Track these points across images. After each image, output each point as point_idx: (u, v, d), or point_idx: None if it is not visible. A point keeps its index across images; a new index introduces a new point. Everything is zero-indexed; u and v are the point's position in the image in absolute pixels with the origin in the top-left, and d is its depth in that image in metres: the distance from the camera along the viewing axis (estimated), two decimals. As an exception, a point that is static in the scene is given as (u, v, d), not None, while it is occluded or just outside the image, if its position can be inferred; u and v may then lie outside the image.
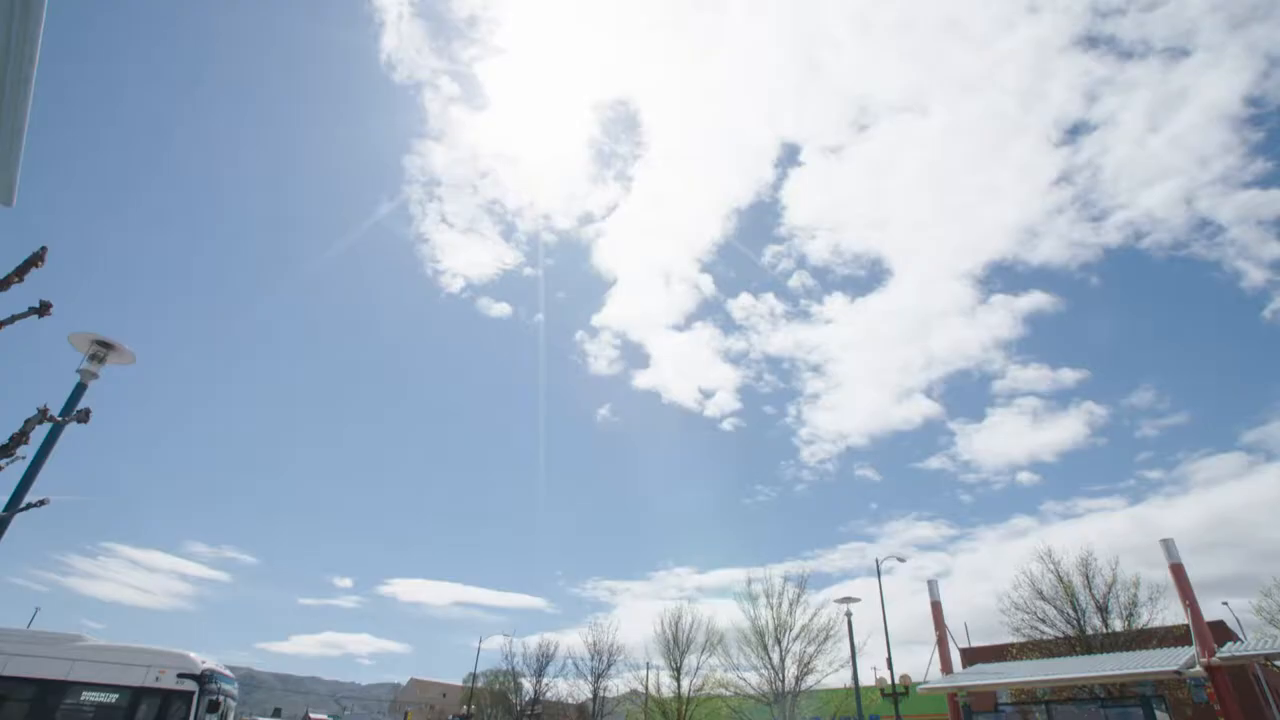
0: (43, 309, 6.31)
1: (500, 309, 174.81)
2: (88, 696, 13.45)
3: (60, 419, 8.39)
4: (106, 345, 9.23)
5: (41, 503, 8.07)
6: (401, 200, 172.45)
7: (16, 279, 5.73)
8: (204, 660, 14.11)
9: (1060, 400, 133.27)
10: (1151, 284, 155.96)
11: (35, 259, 6.00)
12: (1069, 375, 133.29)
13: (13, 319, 5.93)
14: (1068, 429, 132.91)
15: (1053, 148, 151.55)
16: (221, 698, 14.09)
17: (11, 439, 6.97)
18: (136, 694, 13.28)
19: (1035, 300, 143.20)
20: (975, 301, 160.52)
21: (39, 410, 7.58)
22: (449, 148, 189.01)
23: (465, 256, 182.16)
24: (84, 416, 8.58)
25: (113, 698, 13.36)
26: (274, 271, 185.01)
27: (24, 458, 7.59)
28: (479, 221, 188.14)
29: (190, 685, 13.33)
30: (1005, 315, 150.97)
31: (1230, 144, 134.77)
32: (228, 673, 15.60)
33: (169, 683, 13.36)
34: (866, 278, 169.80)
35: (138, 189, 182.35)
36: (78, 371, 9.00)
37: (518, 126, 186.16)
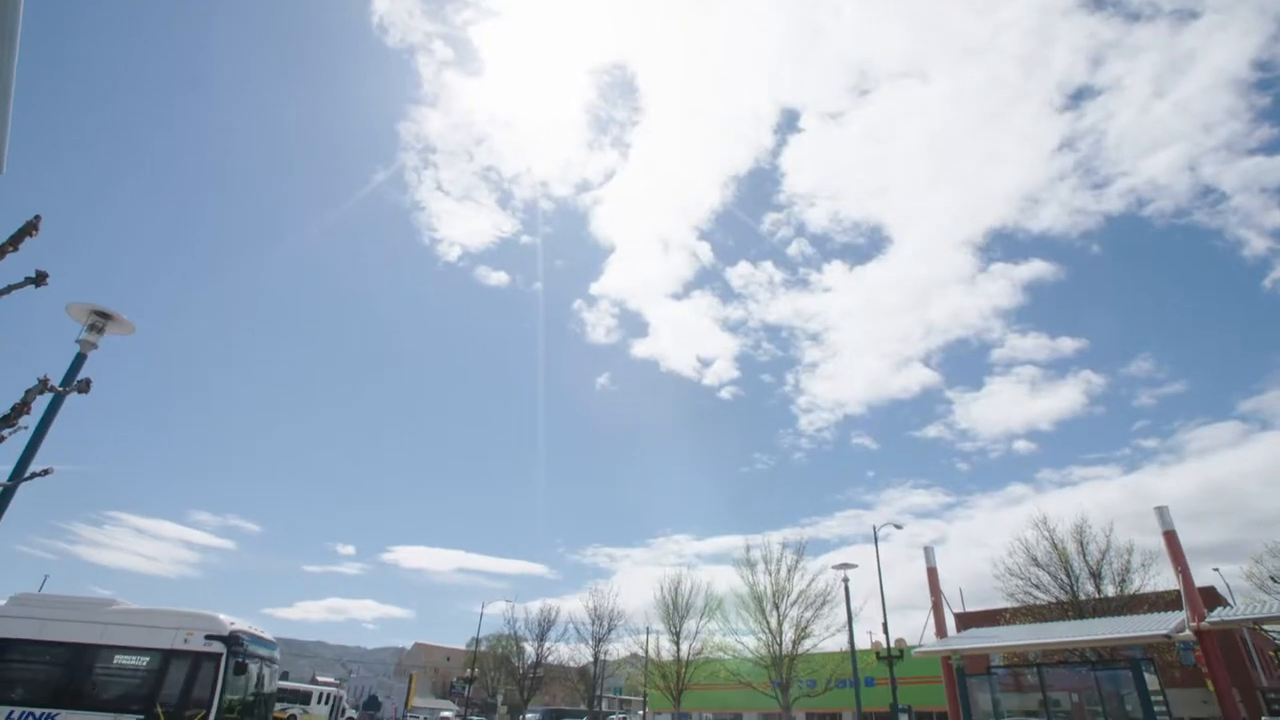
0: (39, 279, 6.26)
1: (498, 277, 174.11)
2: (120, 660, 13.36)
3: (61, 389, 8.39)
4: (105, 315, 9.19)
5: (45, 472, 8.11)
6: (397, 168, 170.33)
7: (11, 248, 5.67)
8: (233, 621, 13.72)
9: (1058, 369, 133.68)
10: (1152, 252, 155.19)
11: (29, 228, 5.93)
12: (1068, 344, 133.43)
13: (9, 289, 5.88)
14: (1065, 398, 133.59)
15: (1055, 114, 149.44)
16: (249, 660, 13.61)
17: (13, 409, 6.97)
18: (165, 657, 13.11)
19: (1035, 269, 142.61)
20: (975, 270, 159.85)
21: (39, 380, 7.57)
22: (444, 114, 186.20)
23: (462, 224, 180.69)
24: (85, 387, 8.58)
25: (143, 661, 13.24)
26: (270, 240, 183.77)
27: (26, 428, 7.61)
28: (475, 189, 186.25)
29: (218, 647, 13.03)
30: (1005, 284, 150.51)
31: (1236, 109, 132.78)
32: (264, 634, 15.12)
33: (197, 645, 13.10)
34: (866, 246, 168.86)
35: (131, 159, 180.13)
36: (77, 342, 8.98)
37: (513, 92, 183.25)
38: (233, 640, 13.19)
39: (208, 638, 13.13)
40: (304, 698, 43.93)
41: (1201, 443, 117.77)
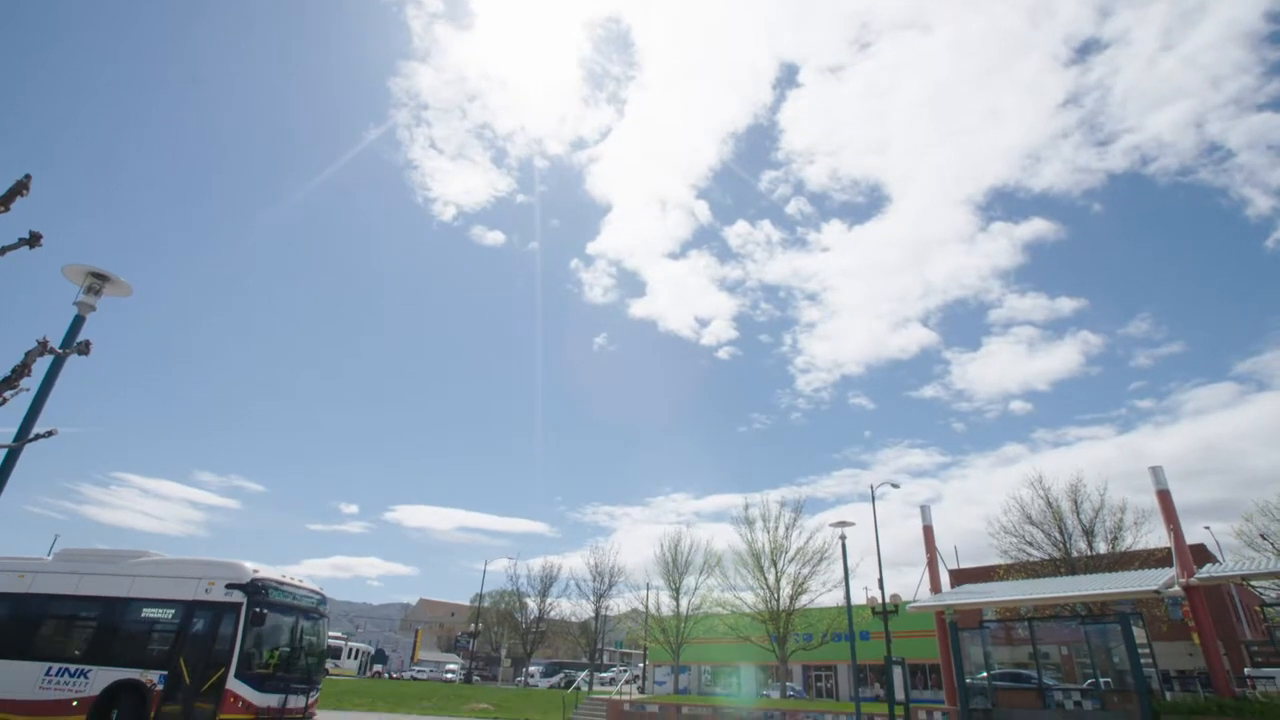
0: (33, 240, 6.21)
1: (494, 237, 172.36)
2: (147, 613, 12.94)
3: (61, 351, 8.39)
4: (102, 277, 9.14)
5: (49, 433, 8.16)
6: (389, 125, 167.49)
7: (2, 208, 5.61)
8: (257, 569, 12.89)
9: (1056, 330, 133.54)
10: (1155, 211, 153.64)
11: (19, 188, 5.85)
12: (1066, 304, 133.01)
13: (3, 250, 5.84)
14: (1063, 358, 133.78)
15: (1061, 68, 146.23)
16: (272, 610, 12.69)
17: (14, 371, 6.98)
18: (189, 608, 12.53)
19: (1036, 228, 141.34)
20: (975, 229, 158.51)
21: (39, 342, 7.56)
22: (435, 69, 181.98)
23: (456, 183, 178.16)
24: (84, 348, 8.58)
25: (168, 613, 12.73)
26: (263, 200, 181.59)
27: (28, 390, 7.63)
28: (469, 147, 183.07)
29: (238, 597, 12.25)
30: (1005, 243, 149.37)
31: (1246, 63, 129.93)
32: (300, 583, 13.99)
33: (218, 595, 12.41)
34: (865, 204, 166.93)
35: (124, 122, 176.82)
36: (75, 304, 8.95)
37: (506, 45, 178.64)
38: (253, 589, 12.34)
39: (228, 587, 12.43)
40: (335, 653, 47.76)
41: (1197, 403, 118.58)
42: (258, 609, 12.18)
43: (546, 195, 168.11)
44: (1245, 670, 23.97)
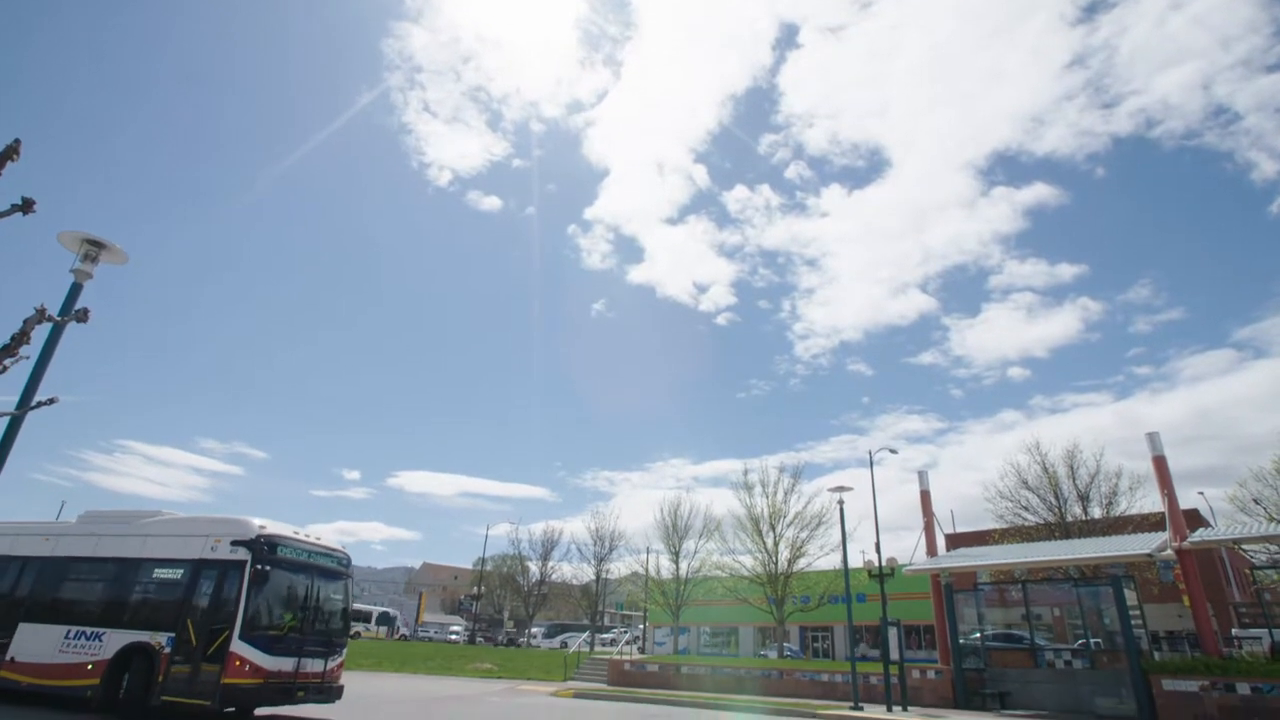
0: (25, 206, 6.13)
1: (490, 202, 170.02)
2: (158, 574, 12.35)
3: (59, 319, 8.36)
4: (98, 245, 9.07)
5: (51, 401, 8.18)
6: (383, 89, 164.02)
7: (-6, 174, 5.53)
8: (263, 525, 12.06)
9: (1056, 296, 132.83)
10: (1159, 176, 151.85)
11: (10, 152, 5.76)
12: (1067, 270, 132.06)
13: (-3, 217, 5.78)
14: (1061, 325, 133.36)
15: (1068, 27, 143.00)
16: (281, 569, 11.89)
17: (13, 339, 6.97)
18: (196, 567, 11.92)
19: (1038, 193, 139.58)
20: (976, 194, 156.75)
21: (37, 310, 7.53)
22: (428, 30, 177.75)
23: (451, 148, 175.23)
24: (83, 316, 8.55)
25: (177, 573, 12.10)
26: (256, 165, 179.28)
27: (28, 357, 7.62)
28: (463, 110, 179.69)
29: (243, 554, 11.47)
30: (1006, 208, 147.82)
31: (1257, 22, 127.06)
32: (315, 541, 13.08)
33: (224, 552, 11.71)
34: (865, 169, 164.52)
35: (115, 89, 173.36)
36: (72, 271, 8.90)
37: (500, 5, 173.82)
38: (258, 545, 11.57)
39: (233, 544, 11.71)
40: (365, 617, 50.30)
41: (1194, 370, 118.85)
42: (261, 566, 11.34)
43: (543, 159, 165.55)
44: (1233, 631, 24.50)
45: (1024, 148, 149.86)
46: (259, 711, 12.67)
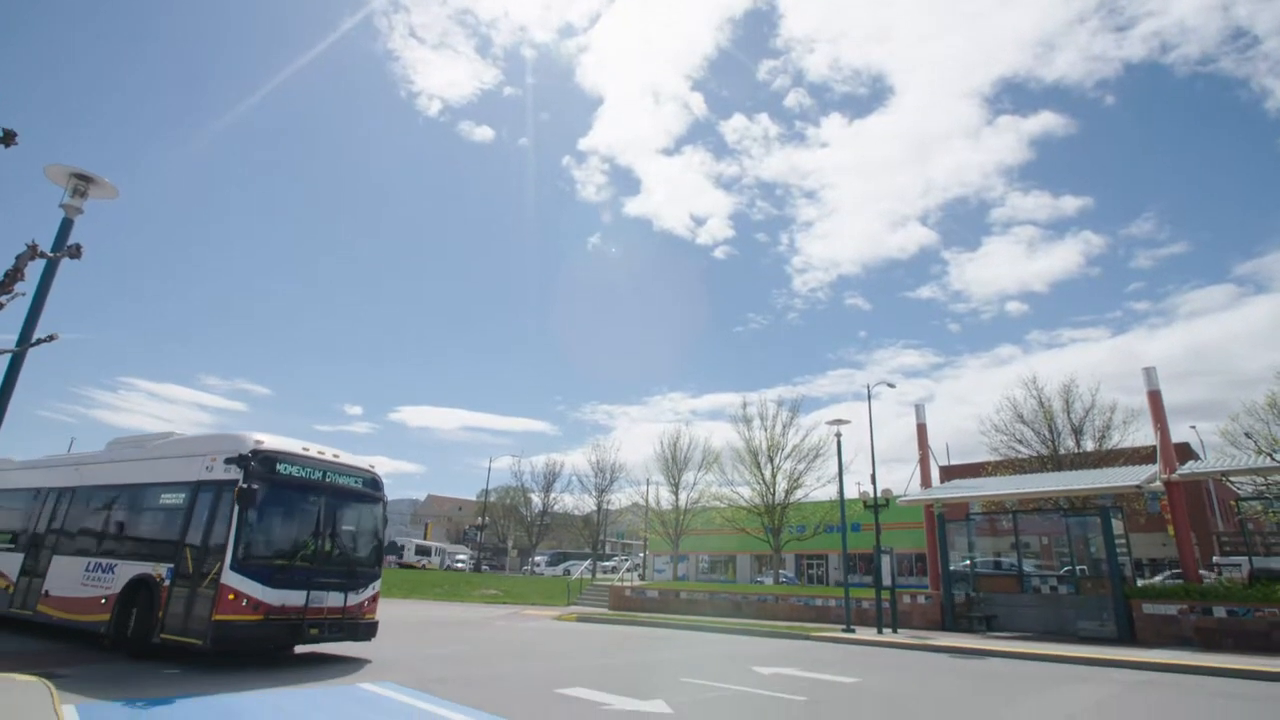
0: (6, 138, 5.96)
1: (483, 133, 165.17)
2: (164, 498, 11.36)
3: (51, 255, 8.26)
4: (86, 178, 8.86)
5: (50, 338, 8.17)
6: (366, 12, 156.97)
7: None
8: (261, 439, 10.49)
9: (1058, 229, 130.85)
10: (1170, 103, 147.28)
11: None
12: (1070, 203, 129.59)
13: (-22, 149, 5.62)
14: (1062, 258, 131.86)
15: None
16: (277, 487, 10.35)
17: (6, 275, 6.90)
18: (194, 490, 10.70)
19: (1044, 121, 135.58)
20: (981, 123, 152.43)
21: (28, 246, 7.43)
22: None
23: (440, 75, 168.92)
24: (75, 252, 8.44)
25: (179, 498, 10.97)
26: (239, 93, 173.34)
27: (24, 294, 7.56)
28: (451, 35, 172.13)
29: (235, 473, 9.99)
30: (1011, 138, 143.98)
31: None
32: (331, 455, 11.41)
33: (219, 473, 10.33)
34: (867, 96, 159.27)
35: (93, 18, 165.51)
36: (61, 206, 8.73)
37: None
38: (251, 462, 9.95)
39: (227, 462, 10.24)
40: (426, 551, 57.98)
41: (1193, 305, 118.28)
42: (253, 485, 9.75)
43: (535, 88, 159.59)
44: (1214, 558, 25.34)
45: (1033, 74, 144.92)
46: (300, 650, 11.59)
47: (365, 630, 11.13)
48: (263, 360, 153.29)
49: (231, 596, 9.32)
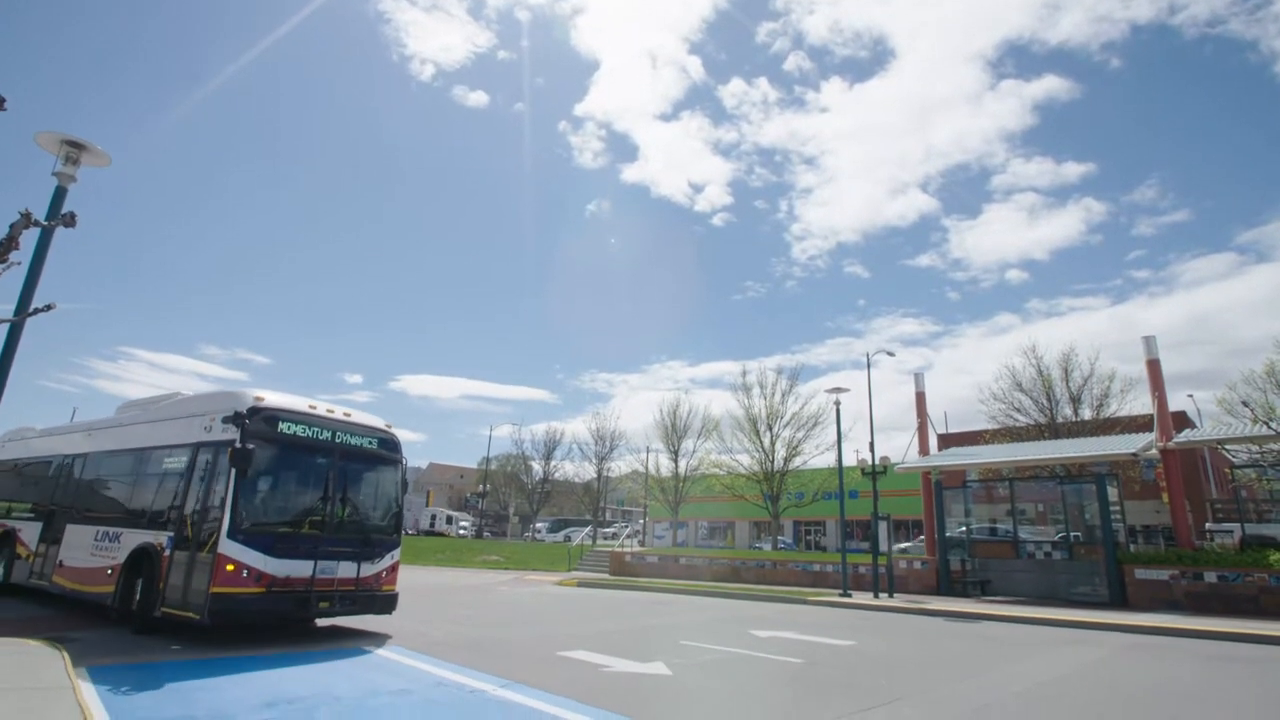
0: (-3, 103, 5.86)
1: (477, 98, 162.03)
2: (166, 462, 10.70)
3: (45, 223, 8.17)
4: (78, 146, 8.74)
5: (48, 307, 8.14)
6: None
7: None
8: (260, 396, 9.68)
9: (1059, 197, 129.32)
10: (1177, 66, 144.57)
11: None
12: (1073, 169, 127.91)
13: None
14: (1063, 226, 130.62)
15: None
16: (277, 447, 9.54)
17: (1, 244, 6.84)
18: (194, 452, 10.01)
19: (1048, 85, 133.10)
20: (983, 88, 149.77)
21: (21, 214, 7.35)
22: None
23: (433, 39, 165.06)
24: (70, 220, 8.36)
25: (181, 461, 10.27)
26: (225, 57, 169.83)
27: (20, 264, 7.50)
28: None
29: (232, 433, 9.19)
30: (1014, 103, 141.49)
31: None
32: (343, 414, 10.63)
33: (218, 433, 9.61)
34: (868, 60, 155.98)
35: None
36: (54, 175, 8.63)
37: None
38: (241, 419, 9.14)
39: (224, 420, 9.49)
40: (451, 520, 62.23)
41: (1193, 274, 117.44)
42: (249, 445, 8.93)
43: (530, 51, 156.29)
44: (1206, 525, 25.64)
45: (1036, 36, 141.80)
46: (321, 623, 11.12)
47: (383, 603, 10.36)
48: (261, 329, 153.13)
49: (230, 567, 8.57)
